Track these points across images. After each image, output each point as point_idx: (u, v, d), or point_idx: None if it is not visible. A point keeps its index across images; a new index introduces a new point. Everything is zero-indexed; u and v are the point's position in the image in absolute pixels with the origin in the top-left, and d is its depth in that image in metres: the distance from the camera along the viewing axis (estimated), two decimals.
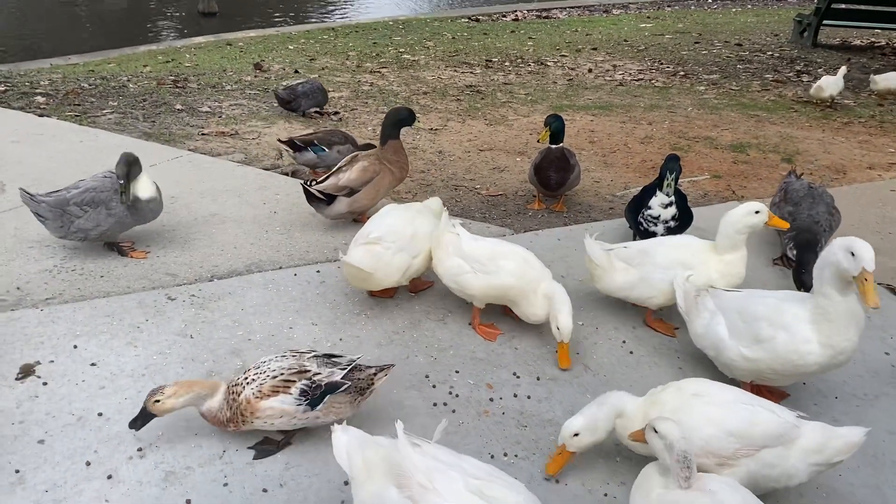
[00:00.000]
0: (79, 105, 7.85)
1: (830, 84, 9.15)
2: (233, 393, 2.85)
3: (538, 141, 5.29)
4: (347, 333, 3.75)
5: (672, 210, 4.37)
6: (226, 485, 2.78)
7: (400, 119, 4.87)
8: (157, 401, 2.79)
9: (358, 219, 4.98)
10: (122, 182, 4.13)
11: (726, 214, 3.66)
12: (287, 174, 5.92)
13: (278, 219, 5.02)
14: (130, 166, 4.19)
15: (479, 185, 6.14)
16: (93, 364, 3.40)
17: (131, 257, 4.38)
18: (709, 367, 3.63)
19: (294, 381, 2.80)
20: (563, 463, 2.86)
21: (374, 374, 2.93)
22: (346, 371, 2.84)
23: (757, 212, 3.60)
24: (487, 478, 2.29)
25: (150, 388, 3.24)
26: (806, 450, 2.65)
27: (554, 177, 5.29)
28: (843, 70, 9.41)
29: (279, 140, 5.88)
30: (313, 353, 2.94)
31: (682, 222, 4.41)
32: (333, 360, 2.93)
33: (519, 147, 7.14)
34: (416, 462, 2.28)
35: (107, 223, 4.19)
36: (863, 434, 2.69)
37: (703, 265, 3.68)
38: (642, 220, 4.43)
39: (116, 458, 2.88)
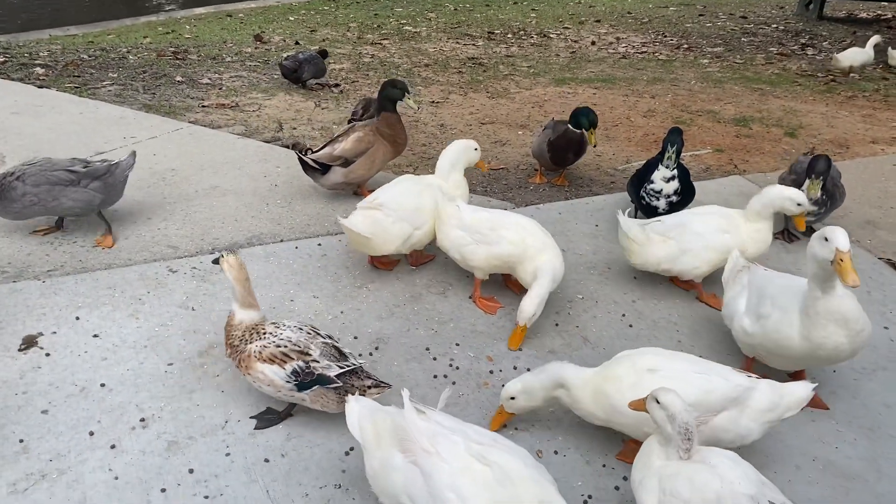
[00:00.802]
0: (78, 76, 7.80)
1: (847, 56, 9.25)
2: (253, 332, 2.91)
3: (594, 146, 5.20)
4: (348, 306, 3.77)
5: (674, 184, 4.35)
6: (228, 454, 2.81)
7: (386, 94, 4.83)
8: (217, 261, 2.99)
9: (358, 191, 4.97)
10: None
11: (768, 188, 3.79)
12: (287, 147, 5.89)
13: (279, 191, 5.01)
14: None
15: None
16: (95, 335, 3.41)
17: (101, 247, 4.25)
18: (706, 340, 3.65)
19: (292, 359, 2.82)
20: (501, 421, 2.99)
21: (368, 387, 2.89)
22: (342, 371, 2.84)
23: (799, 204, 3.73)
24: (490, 443, 2.32)
25: (152, 359, 3.28)
26: (758, 410, 2.71)
27: (572, 158, 5.32)
28: (873, 40, 9.38)
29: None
30: (328, 340, 2.94)
31: (684, 196, 4.40)
32: (342, 354, 2.92)
33: (521, 120, 7.09)
34: (420, 427, 2.33)
35: (48, 200, 4.06)
36: (811, 389, 2.76)
37: (736, 231, 3.81)
38: (644, 195, 4.42)
39: (119, 428, 2.90)
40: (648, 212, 4.43)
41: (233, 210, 4.72)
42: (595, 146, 5.30)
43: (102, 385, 3.12)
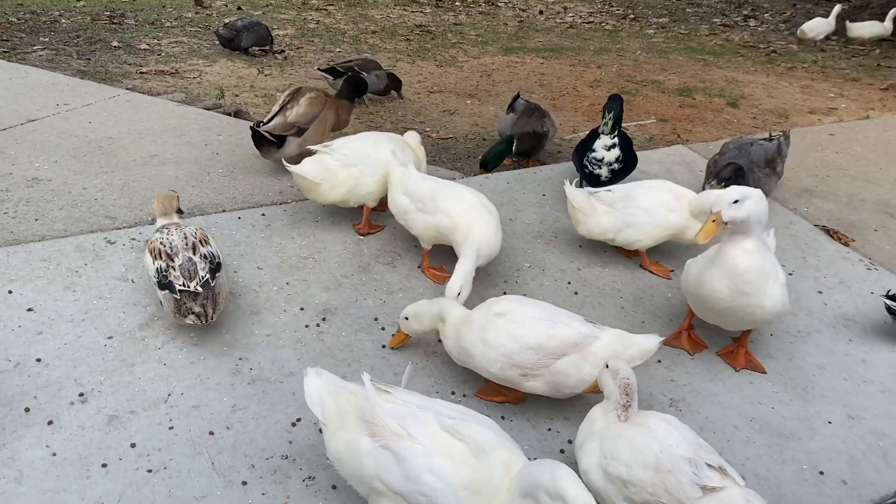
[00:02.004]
0: (6, 40, 7.44)
1: (813, 28, 9.68)
2: (163, 228, 3.37)
3: (601, 132, 4.45)
4: (294, 277, 3.72)
5: (616, 152, 4.39)
6: (171, 428, 2.76)
7: (353, 86, 4.96)
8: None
9: None
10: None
11: (700, 195, 3.82)
12: (230, 114, 5.75)
13: (221, 160, 4.89)
14: None
15: (430, 128, 6.08)
16: (29, 309, 3.30)
17: None
18: (648, 306, 3.73)
19: (161, 259, 3.20)
20: (399, 340, 3.23)
21: (192, 312, 3.14)
22: (183, 289, 3.13)
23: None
24: (460, 417, 2.29)
25: (90, 333, 3.19)
26: (601, 357, 2.79)
27: (529, 147, 5.17)
28: (836, 10, 9.76)
29: (318, 69, 5.98)
30: (201, 258, 3.25)
31: (625, 164, 4.44)
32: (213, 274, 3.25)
33: (469, 90, 7.06)
34: (387, 409, 2.28)
35: None
36: (657, 342, 2.89)
37: (683, 210, 3.83)
38: (587, 163, 4.45)
39: (57, 403, 2.82)
40: (591, 180, 4.46)
41: (173, 180, 4.59)
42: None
43: (38, 360, 3.02)
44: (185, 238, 3.28)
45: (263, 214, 4.25)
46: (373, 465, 2.25)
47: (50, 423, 2.73)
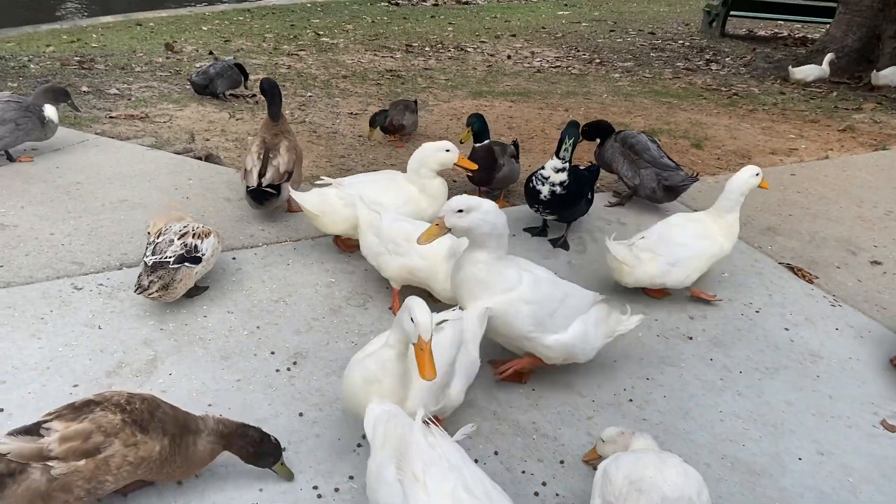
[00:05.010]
0: None
1: (803, 71, 10.39)
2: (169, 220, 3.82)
3: (461, 142, 5.12)
4: (265, 321, 3.69)
5: (562, 176, 4.45)
6: None
7: (278, 89, 4.87)
8: (149, 232, 3.75)
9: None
10: (69, 101, 5.62)
11: (732, 179, 4.06)
12: (200, 158, 5.75)
13: (191, 204, 4.87)
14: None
15: (401, 170, 6.11)
16: None
17: (20, 161, 5.30)
18: (619, 345, 3.75)
19: (152, 235, 3.68)
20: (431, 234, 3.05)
21: (148, 287, 3.49)
22: (154, 260, 3.55)
23: (757, 174, 4.06)
24: (482, 496, 2.20)
25: (55, 381, 3.13)
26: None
27: (476, 176, 5.10)
28: (828, 57, 10.41)
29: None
30: (183, 241, 3.63)
31: (569, 194, 4.49)
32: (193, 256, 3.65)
33: (439, 133, 7.14)
34: (421, 450, 2.27)
35: (15, 135, 5.10)
36: (638, 319, 3.39)
37: (710, 233, 4.07)
38: (533, 178, 4.55)
39: None
40: (531, 195, 4.56)
41: (142, 224, 4.55)
42: (462, 142, 5.15)
43: (1, 410, 2.95)
44: (184, 227, 3.70)
45: (234, 258, 4.23)
46: (385, 495, 2.25)
47: None
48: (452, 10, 15.65)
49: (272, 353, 3.46)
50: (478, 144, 5.09)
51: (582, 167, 4.82)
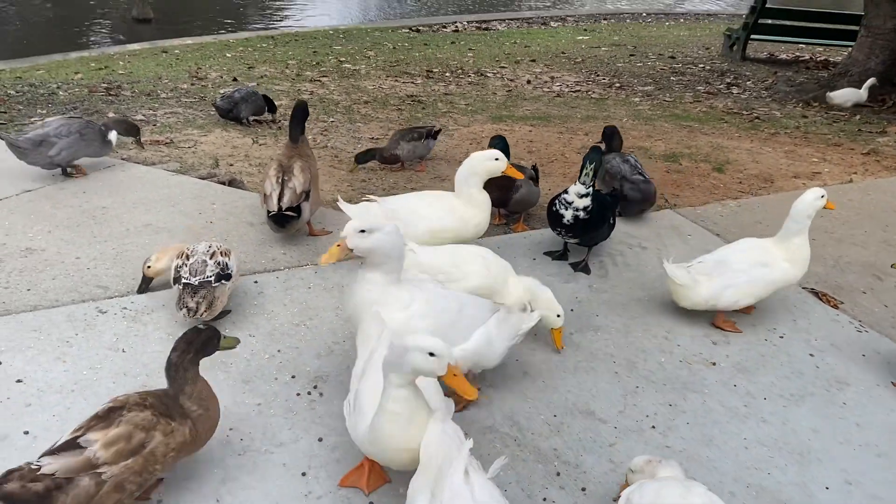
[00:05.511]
0: (4, 112, 7.57)
1: (840, 94, 10.19)
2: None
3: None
4: (286, 345, 3.71)
5: (586, 202, 4.46)
6: (160, 501, 2.71)
7: (306, 114, 4.97)
8: (149, 266, 3.95)
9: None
10: (137, 138, 6.16)
11: (797, 203, 4.06)
12: (224, 183, 5.82)
13: (214, 229, 4.93)
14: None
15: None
16: (19, 381, 3.27)
17: (75, 176, 5.63)
18: (641, 371, 3.72)
19: (179, 259, 3.84)
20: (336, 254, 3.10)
21: (190, 308, 3.63)
22: (186, 282, 3.71)
23: (822, 196, 4.07)
24: None
25: (79, 404, 3.16)
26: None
27: (503, 197, 5.13)
28: (869, 82, 10.20)
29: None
30: (215, 260, 3.79)
31: (592, 220, 4.49)
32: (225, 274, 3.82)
33: (460, 157, 7.16)
34: (453, 484, 2.25)
35: (77, 146, 5.45)
36: (538, 315, 3.49)
37: (774, 261, 4.09)
38: (556, 201, 4.57)
39: None
40: (554, 219, 4.58)
41: None
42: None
43: (26, 433, 2.98)
44: (209, 247, 3.86)
45: (256, 282, 4.26)
46: None
47: None
48: (472, 36, 15.78)
49: (293, 376, 3.47)
50: None
51: (604, 191, 4.83)
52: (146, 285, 4.03)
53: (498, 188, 4.91)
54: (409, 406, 2.52)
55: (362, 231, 3.03)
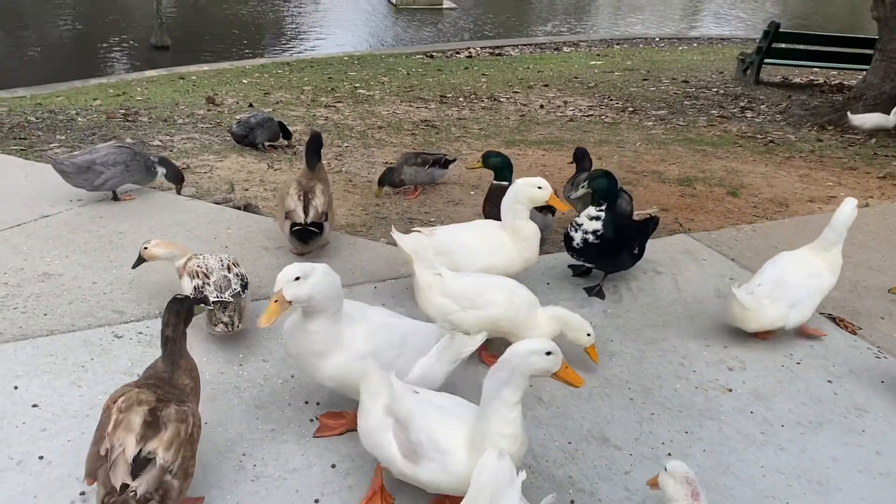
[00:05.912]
0: (24, 139, 7.69)
1: (867, 119, 10.02)
2: (191, 258, 4.01)
3: (466, 168, 5.25)
4: (299, 370, 3.71)
5: (596, 225, 4.45)
6: None
7: (320, 143, 5.07)
8: (146, 248, 4.08)
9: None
10: (179, 187, 6.10)
11: (837, 213, 4.20)
12: (239, 208, 5.87)
13: (230, 254, 4.95)
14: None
15: (434, 217, 6.18)
16: (34, 405, 3.29)
17: (123, 200, 5.80)
18: (657, 397, 3.69)
19: (198, 278, 3.86)
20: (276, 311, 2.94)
21: (221, 321, 3.76)
22: (216, 300, 3.78)
23: (857, 206, 4.24)
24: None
25: (94, 429, 3.15)
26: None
27: (488, 210, 5.10)
28: None
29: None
30: (235, 275, 3.92)
31: (604, 243, 4.46)
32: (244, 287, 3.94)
33: (473, 181, 7.20)
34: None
35: (123, 176, 5.62)
36: (482, 337, 3.41)
37: (819, 270, 4.20)
38: (571, 223, 4.60)
39: (58, 503, 2.78)
40: (565, 241, 4.62)
41: None
42: (467, 169, 5.20)
43: (41, 458, 2.99)
44: (221, 261, 3.95)
45: None
46: None
47: None
48: (486, 62, 15.92)
49: (306, 402, 3.47)
50: (496, 182, 5.14)
51: (640, 218, 4.81)
52: (138, 264, 4.19)
53: (495, 205, 4.89)
54: (521, 425, 2.62)
55: (297, 279, 2.86)
